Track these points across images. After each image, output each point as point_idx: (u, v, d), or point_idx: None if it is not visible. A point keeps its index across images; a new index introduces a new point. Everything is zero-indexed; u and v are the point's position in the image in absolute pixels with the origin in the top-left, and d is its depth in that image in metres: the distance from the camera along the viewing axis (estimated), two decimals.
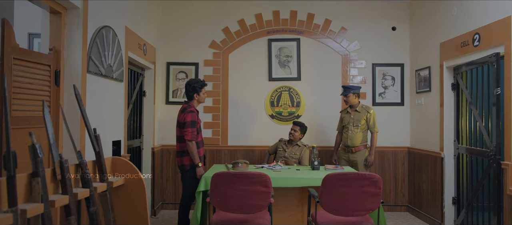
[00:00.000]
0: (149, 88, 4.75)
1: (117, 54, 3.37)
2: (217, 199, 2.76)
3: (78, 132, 2.67)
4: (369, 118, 4.30)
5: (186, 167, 3.55)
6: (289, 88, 5.15)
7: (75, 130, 2.65)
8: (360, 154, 4.28)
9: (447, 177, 4.20)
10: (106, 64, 3.14)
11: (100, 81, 3.05)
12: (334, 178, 2.69)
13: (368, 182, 2.66)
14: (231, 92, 5.15)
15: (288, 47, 5.15)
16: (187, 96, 3.69)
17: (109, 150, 3.30)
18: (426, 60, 4.67)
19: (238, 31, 5.16)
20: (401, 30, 5.17)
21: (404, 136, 5.14)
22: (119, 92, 3.52)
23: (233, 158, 5.07)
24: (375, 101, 5.13)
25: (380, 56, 5.17)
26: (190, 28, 5.15)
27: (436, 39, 4.42)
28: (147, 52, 4.46)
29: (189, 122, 3.47)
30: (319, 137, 5.09)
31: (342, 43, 5.17)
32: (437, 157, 4.31)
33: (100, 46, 3.00)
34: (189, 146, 3.46)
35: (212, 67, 5.16)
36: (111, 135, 3.35)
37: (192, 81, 3.68)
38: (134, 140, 4.40)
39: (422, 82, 4.77)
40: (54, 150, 1.57)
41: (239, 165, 3.69)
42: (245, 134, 5.14)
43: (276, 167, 3.88)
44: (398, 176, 5.12)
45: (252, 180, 2.69)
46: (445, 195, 4.21)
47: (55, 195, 1.66)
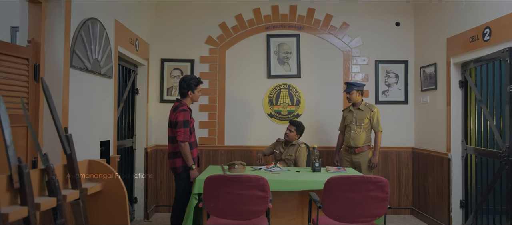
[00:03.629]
0: (142, 85, 4.54)
1: (105, 48, 3.16)
2: (210, 204, 2.56)
3: None
4: (373, 117, 4.09)
5: (179, 169, 3.34)
6: (289, 85, 4.95)
7: None
8: (363, 155, 4.07)
9: (454, 179, 4.00)
10: (93, 59, 2.93)
11: (85, 77, 2.84)
12: (337, 182, 2.48)
13: (374, 186, 2.45)
14: (228, 90, 4.94)
15: (287, 43, 4.95)
16: (181, 93, 3.48)
17: (96, 151, 3.09)
18: (432, 56, 4.46)
19: (235, 26, 4.95)
20: (405, 26, 4.96)
21: (408, 136, 4.93)
22: (108, 89, 3.31)
23: (230, 159, 4.87)
24: (378, 100, 4.92)
25: (383, 52, 4.96)
26: (186, 23, 4.94)
27: (442, 34, 4.22)
28: (140, 47, 4.25)
29: (181, 121, 3.26)
30: (319, 137, 4.89)
31: (343, 39, 4.96)
32: (444, 158, 4.11)
33: (85, 39, 2.79)
34: (182, 147, 3.25)
35: (209, 64, 4.94)
36: (99, 135, 3.14)
37: (188, 78, 3.47)
38: (125, 140, 4.20)
39: (427, 80, 4.57)
40: (11, 153, 1.35)
41: (236, 166, 3.48)
42: (243, 134, 4.93)
43: (275, 168, 3.67)
44: (402, 177, 4.92)
45: (249, 184, 2.48)
46: (452, 198, 4.00)
47: (12, 206, 1.41)
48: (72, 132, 2.61)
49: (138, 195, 4.45)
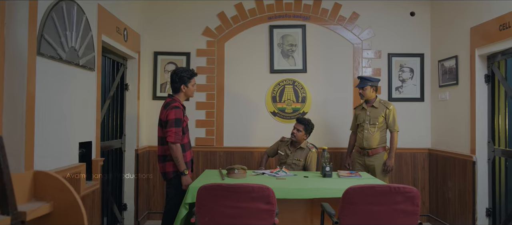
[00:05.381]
0: (132, 80, 4.12)
1: (84, 36, 2.74)
2: (204, 219, 2.14)
3: (22, 133, 2.03)
4: (389, 115, 3.67)
5: (170, 175, 2.92)
6: (294, 81, 4.52)
7: (18, 130, 2.02)
8: (378, 157, 3.65)
9: (480, 184, 3.58)
10: (69, 47, 2.51)
11: (59, 68, 2.42)
12: (359, 193, 2.06)
13: (402, 198, 2.03)
14: (228, 86, 4.52)
15: (292, 34, 4.52)
16: (173, 88, 3.06)
17: (74, 154, 2.67)
18: (452, 48, 4.03)
19: (235, 16, 4.52)
20: (420, 15, 4.53)
21: (424, 136, 4.51)
22: (89, 83, 2.89)
23: (229, 161, 4.45)
24: (391, 96, 4.50)
25: (397, 45, 4.53)
26: (181, 13, 4.52)
27: (465, 23, 3.79)
28: (130, 38, 3.83)
29: (172, 120, 2.84)
30: (327, 138, 4.46)
31: (353, 31, 4.54)
32: (467, 161, 3.69)
33: (58, 23, 2.37)
34: (173, 150, 2.83)
35: (206, 57, 4.52)
36: (78, 135, 2.71)
37: (180, 70, 3.05)
38: (113, 140, 3.78)
39: (446, 74, 4.14)
40: None
41: (235, 171, 3.06)
42: (243, 134, 4.51)
43: (280, 173, 3.25)
44: (417, 181, 4.50)
45: (251, 195, 2.06)
46: (478, 205, 3.58)
47: None
48: (41, 132, 2.21)
49: (127, 201, 4.03)
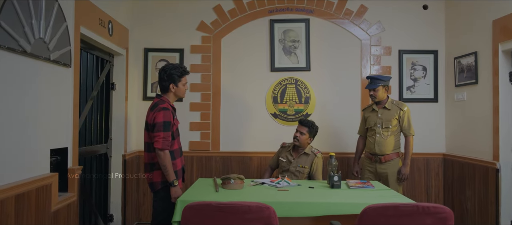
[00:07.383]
0: (119, 79, 3.76)
1: (56, 26, 2.37)
2: None
3: None
4: (403, 117, 3.31)
5: (157, 186, 2.56)
6: (296, 80, 4.16)
7: None
8: (391, 164, 3.29)
9: (504, 194, 3.22)
10: (35, 39, 2.15)
11: (22, 62, 2.06)
12: (380, 214, 1.69)
13: (432, 220, 1.66)
14: (224, 85, 4.16)
15: (294, 29, 4.16)
16: (161, 87, 2.70)
17: (45, 163, 2.31)
18: (471, 44, 3.67)
19: (233, 10, 4.16)
20: (434, 9, 4.17)
21: (438, 140, 4.14)
22: (63, 81, 2.52)
23: (225, 167, 4.08)
24: (402, 97, 4.13)
25: (408, 41, 4.17)
26: (174, 6, 4.15)
27: (486, 16, 3.43)
28: (115, 33, 3.47)
29: (160, 123, 2.48)
30: (332, 142, 4.09)
31: (361, 25, 4.18)
32: (489, 168, 3.32)
33: (20, 9, 2.01)
34: (160, 158, 2.46)
35: (201, 54, 4.16)
36: (49, 141, 2.35)
37: (169, 67, 2.68)
38: (98, 145, 3.42)
39: (464, 73, 3.78)
40: None
41: (231, 181, 2.70)
42: (241, 138, 4.14)
43: (282, 183, 2.88)
44: (431, 189, 4.13)
45: (247, 216, 1.70)
46: (502, 217, 3.22)
47: None
48: None
49: (114, 212, 3.67)
